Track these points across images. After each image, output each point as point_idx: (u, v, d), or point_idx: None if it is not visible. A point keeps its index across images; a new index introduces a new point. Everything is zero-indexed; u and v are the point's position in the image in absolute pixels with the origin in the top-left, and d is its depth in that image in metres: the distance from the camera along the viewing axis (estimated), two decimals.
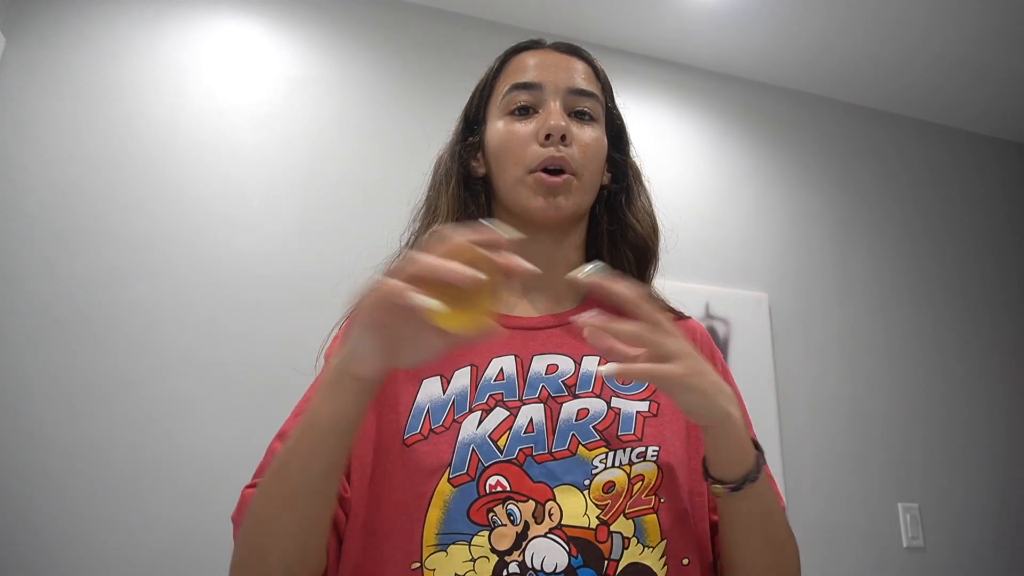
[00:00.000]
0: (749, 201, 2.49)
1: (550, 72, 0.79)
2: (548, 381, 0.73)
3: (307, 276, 1.89)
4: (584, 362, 0.75)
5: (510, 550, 0.64)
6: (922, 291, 2.62)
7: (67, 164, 1.79)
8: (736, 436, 0.63)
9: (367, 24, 2.20)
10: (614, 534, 0.65)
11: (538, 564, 0.63)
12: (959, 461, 2.43)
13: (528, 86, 0.79)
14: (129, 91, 1.90)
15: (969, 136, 2.93)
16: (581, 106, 0.79)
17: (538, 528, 0.64)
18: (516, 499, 0.66)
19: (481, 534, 0.64)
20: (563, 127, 0.75)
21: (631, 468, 0.68)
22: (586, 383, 0.73)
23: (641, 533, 0.66)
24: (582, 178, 0.77)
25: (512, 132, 0.78)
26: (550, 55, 0.82)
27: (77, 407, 1.63)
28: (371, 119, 2.12)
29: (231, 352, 1.78)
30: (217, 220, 1.87)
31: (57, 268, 1.71)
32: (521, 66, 0.82)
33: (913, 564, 2.24)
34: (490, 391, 0.71)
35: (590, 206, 0.82)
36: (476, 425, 0.69)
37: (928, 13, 2.31)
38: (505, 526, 0.64)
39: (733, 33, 2.42)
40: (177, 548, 1.60)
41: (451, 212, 0.81)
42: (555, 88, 0.79)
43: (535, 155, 0.76)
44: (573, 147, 0.77)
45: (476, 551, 0.64)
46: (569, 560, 0.63)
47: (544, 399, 0.71)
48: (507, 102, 0.80)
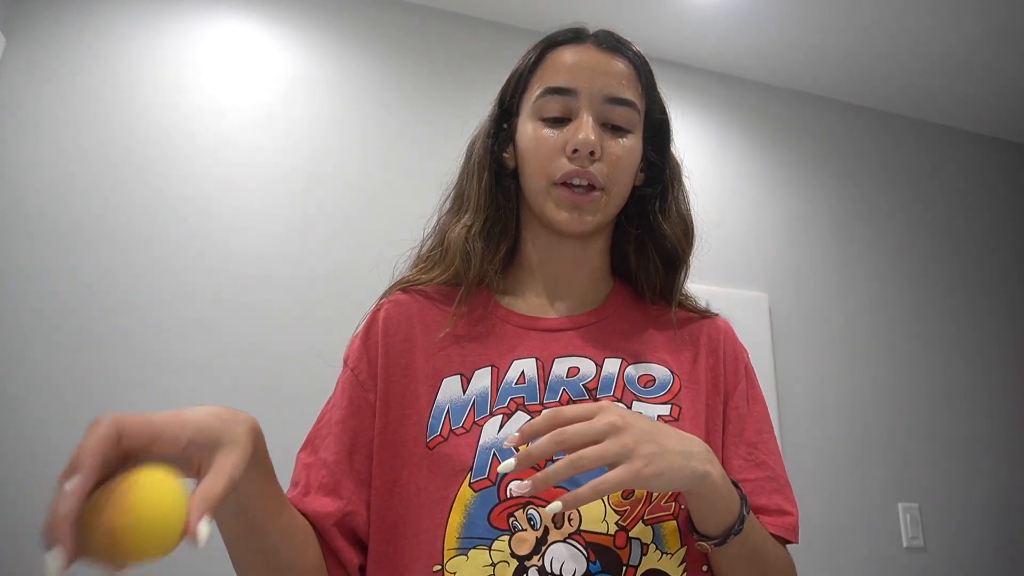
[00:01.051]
0: (749, 201, 2.49)
1: (586, 77, 0.75)
2: (569, 384, 0.72)
3: (307, 276, 1.89)
4: (605, 364, 0.74)
5: (530, 555, 0.63)
6: (922, 291, 2.62)
7: (67, 164, 1.79)
8: (716, 494, 0.60)
9: (367, 24, 2.20)
10: (632, 540, 0.65)
11: (557, 569, 0.63)
12: (959, 461, 2.43)
13: (563, 91, 0.75)
14: (129, 91, 1.90)
15: (969, 136, 2.93)
16: (616, 117, 0.75)
17: (557, 533, 0.64)
18: (536, 504, 0.65)
19: (501, 539, 0.64)
20: (592, 142, 0.72)
21: None
22: (607, 386, 0.72)
23: (660, 540, 0.66)
24: (611, 192, 0.75)
25: (541, 139, 0.75)
26: (589, 53, 0.77)
27: (76, 407, 1.63)
28: (371, 119, 2.12)
29: (231, 351, 1.78)
30: (217, 220, 1.87)
31: (57, 268, 1.71)
32: (557, 65, 0.77)
33: (913, 564, 2.24)
34: (511, 395, 0.71)
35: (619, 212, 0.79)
36: (497, 429, 0.69)
37: (929, 14, 2.31)
38: (525, 531, 0.64)
39: (733, 33, 2.42)
40: (178, 548, 1.60)
41: (481, 206, 0.79)
42: (589, 96, 0.74)
43: (560, 168, 0.73)
44: (603, 162, 0.73)
45: (496, 556, 0.64)
46: (588, 566, 0.63)
47: (565, 403, 0.70)
48: (539, 106, 0.76)
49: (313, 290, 1.86)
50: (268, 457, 0.59)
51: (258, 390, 1.76)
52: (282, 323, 1.83)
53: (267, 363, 1.78)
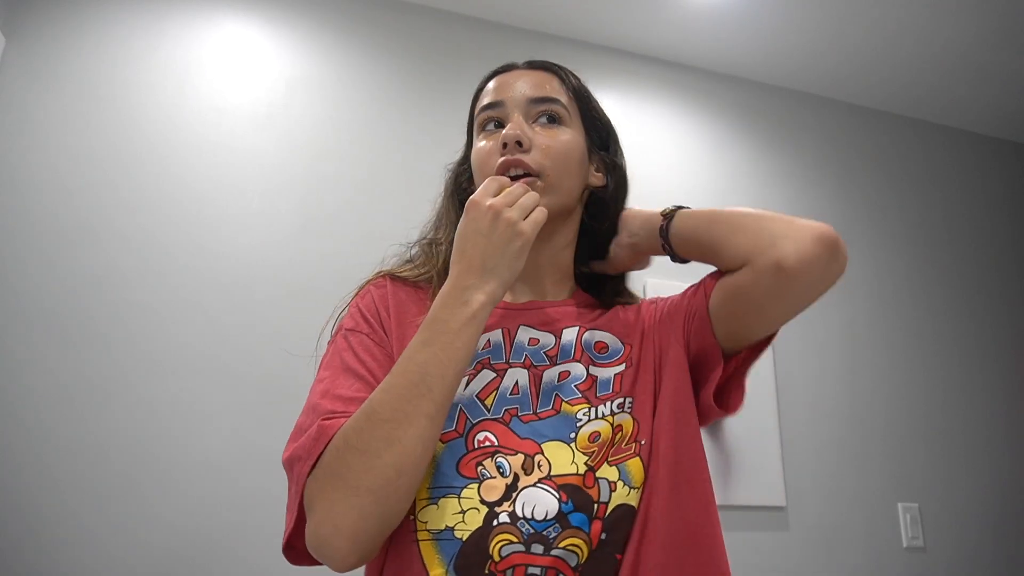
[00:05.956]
0: (749, 201, 2.49)
1: (510, 88, 0.83)
2: (531, 352, 0.77)
3: (307, 274, 1.89)
4: (564, 334, 0.79)
5: (500, 500, 0.66)
6: (922, 291, 2.62)
7: (67, 164, 1.79)
8: (635, 218, 0.85)
9: (367, 24, 2.20)
10: (600, 479, 0.68)
11: (528, 513, 0.65)
12: (959, 461, 2.43)
13: (492, 105, 0.83)
14: (129, 91, 1.90)
15: (969, 136, 2.93)
16: (543, 111, 0.82)
17: (528, 479, 0.67)
18: (505, 453, 0.69)
19: (470, 487, 0.67)
20: (516, 134, 0.78)
21: (613, 419, 0.72)
22: (567, 352, 0.77)
23: (626, 476, 0.69)
24: (547, 178, 0.78)
25: (480, 148, 0.82)
26: (515, 73, 0.86)
27: (78, 406, 1.63)
28: (371, 119, 2.12)
29: (232, 350, 1.78)
30: (217, 219, 1.87)
31: (57, 267, 1.71)
32: (489, 88, 0.86)
33: (913, 564, 2.24)
34: (478, 358, 0.76)
35: (567, 206, 0.82)
36: (464, 387, 0.73)
37: (928, 13, 2.31)
38: (495, 478, 0.67)
39: (733, 33, 2.42)
40: (178, 548, 1.61)
41: (447, 222, 0.87)
42: (515, 102, 0.82)
43: (495, 163, 0.79)
44: (534, 151, 0.78)
45: (465, 503, 0.66)
46: (560, 506, 0.66)
47: (528, 366, 0.76)
48: (479, 123, 0.85)
49: (314, 287, 1.86)
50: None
51: (259, 389, 1.76)
52: (282, 320, 1.83)
53: (267, 361, 1.79)
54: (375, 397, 0.64)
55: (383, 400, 0.63)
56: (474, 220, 0.69)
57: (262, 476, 1.66)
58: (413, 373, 0.64)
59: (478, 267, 0.68)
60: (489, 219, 0.68)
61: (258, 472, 1.67)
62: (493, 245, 0.68)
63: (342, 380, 0.72)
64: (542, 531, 0.64)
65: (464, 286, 0.67)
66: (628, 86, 2.44)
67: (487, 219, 0.68)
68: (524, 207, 0.70)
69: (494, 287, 0.68)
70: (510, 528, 0.64)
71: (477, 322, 0.66)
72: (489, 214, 0.68)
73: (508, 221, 0.68)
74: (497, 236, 0.68)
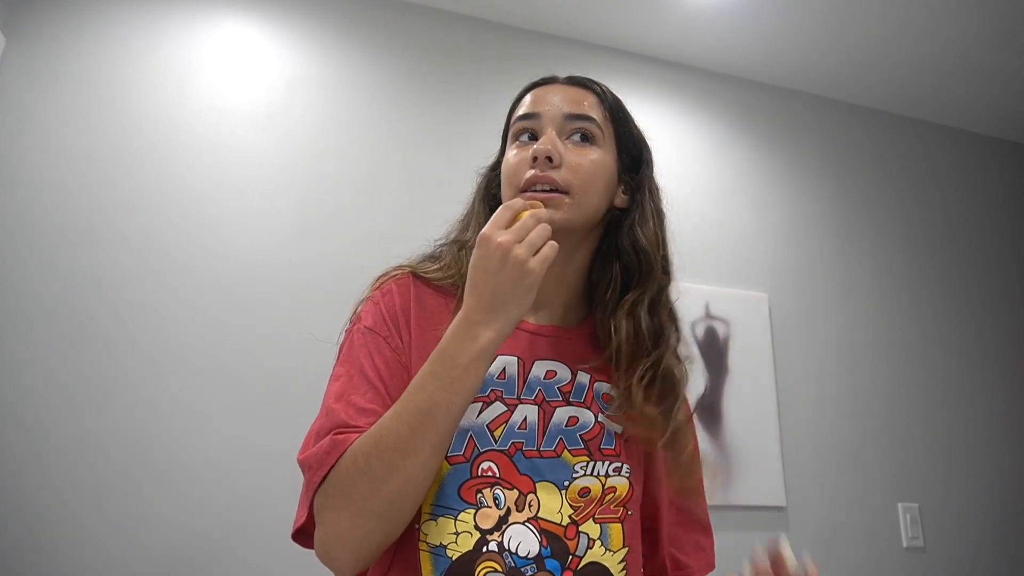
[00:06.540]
0: (749, 201, 2.49)
1: (548, 101, 0.85)
2: (545, 386, 0.80)
3: (308, 274, 1.89)
4: (579, 375, 0.82)
5: (492, 530, 0.71)
6: (922, 291, 2.62)
7: (67, 164, 1.79)
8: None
9: (367, 24, 2.20)
10: (581, 534, 0.74)
11: (514, 547, 0.71)
12: (959, 461, 2.43)
13: (527, 116, 0.85)
14: (129, 91, 1.90)
15: (969, 136, 2.93)
16: (577, 129, 0.83)
17: (518, 515, 0.72)
18: (503, 485, 0.73)
19: (467, 511, 0.72)
20: (547, 149, 0.79)
21: (606, 480, 0.77)
22: (579, 393, 0.81)
23: (606, 538, 0.75)
24: (576, 197, 0.79)
25: (511, 158, 0.84)
26: (555, 87, 0.87)
27: (78, 406, 1.63)
28: (371, 119, 2.12)
29: (232, 350, 1.78)
30: (217, 219, 1.87)
31: (58, 267, 1.71)
32: (527, 99, 0.88)
33: (913, 564, 2.24)
34: (492, 386, 0.78)
35: (589, 226, 0.83)
36: (476, 414, 0.76)
37: (928, 13, 2.31)
38: (490, 508, 0.72)
39: (733, 33, 2.42)
40: (178, 548, 1.61)
41: (475, 225, 0.89)
42: (551, 116, 0.83)
43: (524, 176, 0.80)
44: (563, 168, 0.80)
45: (460, 526, 0.71)
46: (540, 549, 0.71)
47: (539, 402, 0.79)
48: (513, 133, 0.87)
49: (314, 287, 1.86)
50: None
51: (259, 389, 1.76)
52: (283, 320, 1.83)
53: (268, 361, 1.79)
54: (384, 424, 0.68)
55: (391, 428, 0.67)
56: (484, 258, 0.69)
57: (262, 476, 1.66)
58: (420, 403, 0.67)
59: (487, 304, 0.69)
60: (498, 258, 0.68)
61: (258, 472, 1.67)
62: (501, 284, 0.68)
63: (358, 384, 0.75)
64: (521, 567, 0.70)
65: (474, 321, 0.69)
66: (628, 86, 2.43)
67: (496, 258, 0.68)
68: (533, 244, 0.69)
69: (503, 324, 0.69)
70: (496, 557, 0.70)
71: (485, 357, 0.68)
72: (498, 253, 0.68)
73: (517, 260, 0.68)
74: (505, 275, 0.68)
